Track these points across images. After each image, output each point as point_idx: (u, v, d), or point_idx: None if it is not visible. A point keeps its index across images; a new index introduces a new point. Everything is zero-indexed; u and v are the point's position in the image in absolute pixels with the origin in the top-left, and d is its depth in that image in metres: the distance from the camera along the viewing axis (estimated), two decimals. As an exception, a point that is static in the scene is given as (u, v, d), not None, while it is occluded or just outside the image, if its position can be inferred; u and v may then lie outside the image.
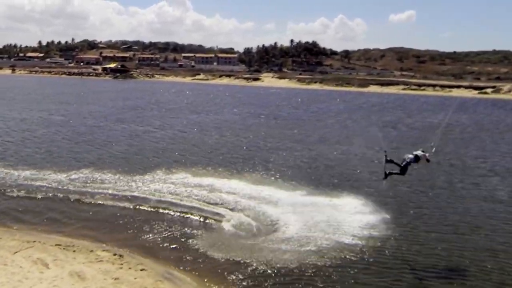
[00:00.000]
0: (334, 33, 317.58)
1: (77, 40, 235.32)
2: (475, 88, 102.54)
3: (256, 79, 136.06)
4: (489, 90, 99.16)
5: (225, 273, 11.99)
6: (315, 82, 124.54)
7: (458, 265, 13.78)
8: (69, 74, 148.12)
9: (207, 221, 16.53)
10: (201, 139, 34.43)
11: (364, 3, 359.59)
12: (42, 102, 60.14)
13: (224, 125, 43.30)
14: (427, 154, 16.56)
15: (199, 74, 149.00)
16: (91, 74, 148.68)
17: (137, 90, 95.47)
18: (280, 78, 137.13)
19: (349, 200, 19.72)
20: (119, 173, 22.71)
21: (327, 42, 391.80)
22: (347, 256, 13.83)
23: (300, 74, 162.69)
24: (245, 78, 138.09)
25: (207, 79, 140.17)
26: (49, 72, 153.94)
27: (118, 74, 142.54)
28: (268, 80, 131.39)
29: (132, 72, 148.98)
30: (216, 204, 18.76)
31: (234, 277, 11.74)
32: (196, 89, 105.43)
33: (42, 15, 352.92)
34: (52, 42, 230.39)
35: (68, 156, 26.94)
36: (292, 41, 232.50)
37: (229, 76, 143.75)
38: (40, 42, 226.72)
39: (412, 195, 21.24)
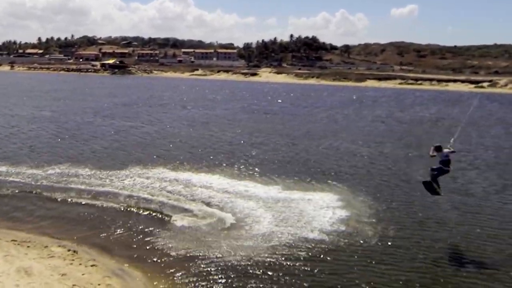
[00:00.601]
0: (335, 28, 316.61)
1: (76, 36, 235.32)
2: (472, 82, 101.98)
3: (254, 74, 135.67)
4: (485, 84, 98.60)
5: (177, 269, 11.92)
6: (312, 77, 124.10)
7: (424, 259, 13.62)
8: (68, 70, 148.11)
9: (173, 216, 16.41)
10: (186, 134, 34.38)
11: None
12: (35, 98, 60.12)
13: (213, 120, 43.21)
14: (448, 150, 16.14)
15: (197, 70, 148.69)
16: (89, 70, 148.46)
17: (133, 86, 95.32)
18: (277, 73, 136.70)
19: (324, 195, 19.67)
20: (97, 168, 22.69)
21: (329, 37, 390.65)
22: (309, 252, 13.74)
23: (299, 69, 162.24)
24: (243, 73, 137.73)
25: (205, 75, 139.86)
26: (48, 68, 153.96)
27: (116, 70, 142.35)
28: (266, 75, 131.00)
29: (130, 68, 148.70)
30: (187, 199, 18.71)
31: (184, 273, 11.67)
32: (193, 84, 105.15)
33: (44, 11, 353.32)
34: (52, 38, 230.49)
35: (49, 151, 26.94)
36: (291, 36, 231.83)
37: (227, 71, 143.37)
38: (39, 39, 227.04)
39: (387, 189, 21.13)
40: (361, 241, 14.69)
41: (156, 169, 23.06)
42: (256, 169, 23.87)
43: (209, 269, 12.06)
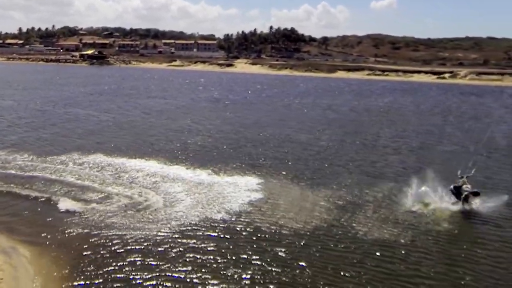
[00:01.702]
0: (317, 20, 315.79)
1: (58, 27, 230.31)
2: (435, 73, 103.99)
3: (230, 65, 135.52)
4: (447, 75, 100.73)
5: (69, 248, 12.65)
6: (286, 68, 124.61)
7: (325, 237, 14.42)
8: (47, 60, 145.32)
9: (91, 199, 17.05)
10: (138, 123, 34.78)
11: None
12: (2, 88, 59.35)
13: (171, 109, 43.63)
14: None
15: (175, 61, 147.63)
16: (68, 60, 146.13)
17: (108, 76, 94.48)
18: (253, 64, 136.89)
19: (248, 179, 20.47)
20: (36, 154, 23.10)
21: (310, 29, 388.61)
22: (208, 231, 14.47)
23: (277, 60, 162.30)
24: (219, 64, 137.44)
25: (182, 65, 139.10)
26: (27, 59, 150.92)
27: (94, 61, 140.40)
28: (241, 66, 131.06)
29: (108, 59, 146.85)
30: (113, 183, 19.28)
31: (75, 252, 12.42)
32: (168, 75, 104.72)
33: (27, 1, 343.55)
34: (33, 28, 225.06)
35: (-5, 138, 27.15)
36: (271, 27, 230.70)
37: (204, 62, 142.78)
38: (20, 29, 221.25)
39: (309, 173, 21.72)
40: (259, 222, 15.42)
41: (94, 155, 23.55)
42: (192, 155, 24.59)
43: (101, 248, 12.78)
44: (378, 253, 13.21)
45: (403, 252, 13.39)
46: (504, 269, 12.67)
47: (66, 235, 13.68)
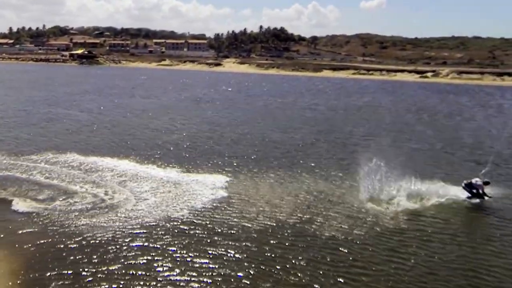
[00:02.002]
0: (307, 20, 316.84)
1: (49, 26, 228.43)
2: (418, 72, 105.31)
3: (218, 64, 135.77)
4: (429, 74, 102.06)
5: (24, 247, 12.96)
6: (273, 67, 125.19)
7: (281, 234, 14.82)
8: (36, 60, 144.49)
9: (55, 198, 17.27)
10: (116, 122, 34.95)
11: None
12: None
13: (152, 108, 43.81)
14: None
15: (164, 60, 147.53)
16: (58, 60, 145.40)
17: (96, 76, 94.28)
18: (241, 63, 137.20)
19: (217, 177, 20.75)
20: (10, 153, 23.27)
21: (302, 28, 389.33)
22: (166, 229, 14.75)
23: (267, 59, 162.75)
24: (207, 64, 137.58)
25: (171, 65, 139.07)
26: (17, 58, 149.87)
27: (84, 60, 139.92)
28: (229, 66, 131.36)
29: (98, 58, 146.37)
30: (80, 182, 19.50)
31: (31, 251, 12.73)
32: (155, 74, 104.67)
33: (19, 1, 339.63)
34: (23, 28, 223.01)
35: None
36: (261, 27, 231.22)
37: (193, 61, 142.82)
38: (10, 29, 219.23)
39: (276, 171, 22.02)
40: (218, 219, 15.77)
41: (69, 154, 23.77)
42: (165, 153, 24.91)
43: (56, 246, 13.09)
44: (330, 249, 13.66)
45: (354, 247, 13.85)
46: (445, 263, 13.16)
47: (21, 234, 13.93)
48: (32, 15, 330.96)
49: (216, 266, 12.48)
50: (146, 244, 13.68)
